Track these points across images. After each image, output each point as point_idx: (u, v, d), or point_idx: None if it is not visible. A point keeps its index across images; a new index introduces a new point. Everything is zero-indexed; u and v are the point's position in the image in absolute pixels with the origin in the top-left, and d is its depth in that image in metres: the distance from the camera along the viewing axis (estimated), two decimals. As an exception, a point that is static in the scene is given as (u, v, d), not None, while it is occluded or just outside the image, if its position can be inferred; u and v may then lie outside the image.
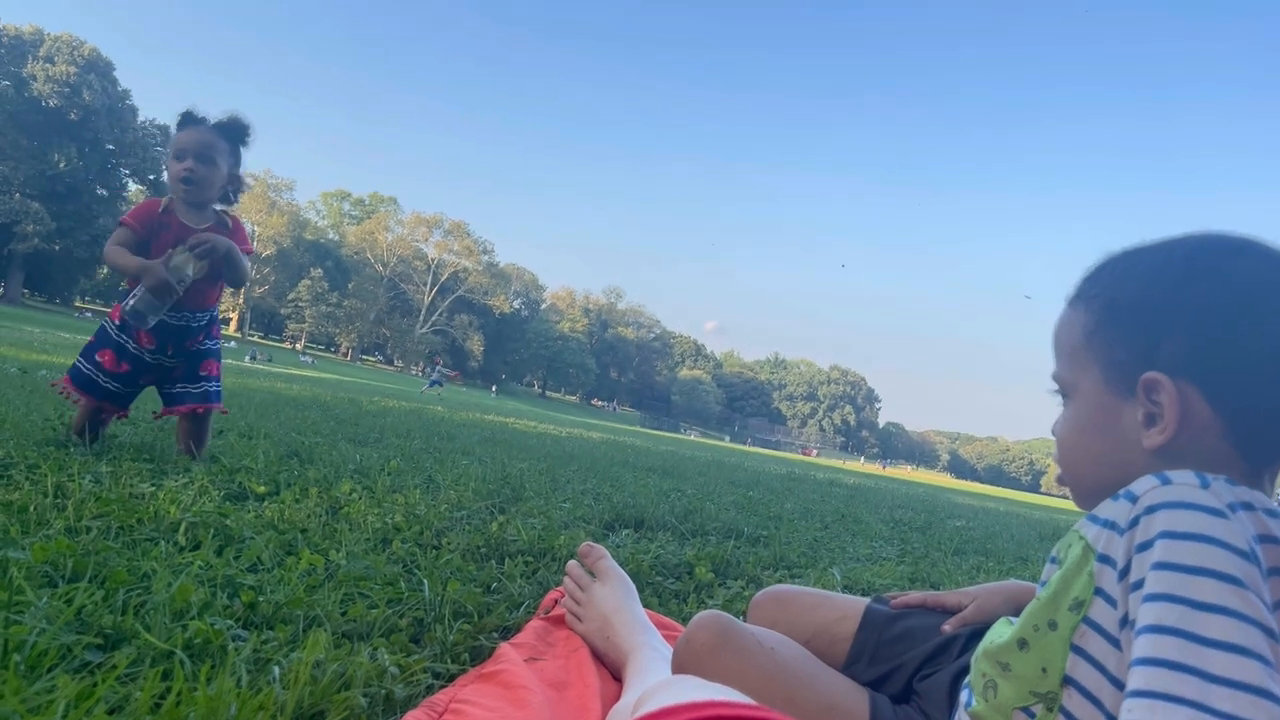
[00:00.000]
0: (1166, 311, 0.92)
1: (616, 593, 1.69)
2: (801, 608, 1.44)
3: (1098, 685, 0.86)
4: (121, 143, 62.05)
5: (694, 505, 4.38)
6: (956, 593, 1.41)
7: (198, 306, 3.18)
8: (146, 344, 3.14)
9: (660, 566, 2.57)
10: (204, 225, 3.13)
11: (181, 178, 3.06)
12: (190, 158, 3.06)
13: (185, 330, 3.18)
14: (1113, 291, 0.98)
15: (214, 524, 2.07)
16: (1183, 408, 0.89)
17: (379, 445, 5.04)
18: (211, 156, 3.10)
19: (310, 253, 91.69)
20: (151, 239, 3.07)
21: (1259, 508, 0.83)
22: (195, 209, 3.13)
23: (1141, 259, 0.99)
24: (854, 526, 4.94)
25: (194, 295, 3.12)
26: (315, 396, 9.83)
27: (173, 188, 3.11)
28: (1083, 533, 0.91)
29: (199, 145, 3.08)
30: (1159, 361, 0.91)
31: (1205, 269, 0.92)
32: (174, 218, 3.10)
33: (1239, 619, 0.72)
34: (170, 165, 3.11)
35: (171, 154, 3.11)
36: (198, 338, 3.24)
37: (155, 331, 3.11)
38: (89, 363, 3.15)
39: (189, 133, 3.09)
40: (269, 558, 1.90)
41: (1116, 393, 0.95)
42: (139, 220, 3.07)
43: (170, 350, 3.18)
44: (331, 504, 2.70)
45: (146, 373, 3.20)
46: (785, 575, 2.82)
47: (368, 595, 1.75)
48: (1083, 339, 1.00)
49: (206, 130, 3.11)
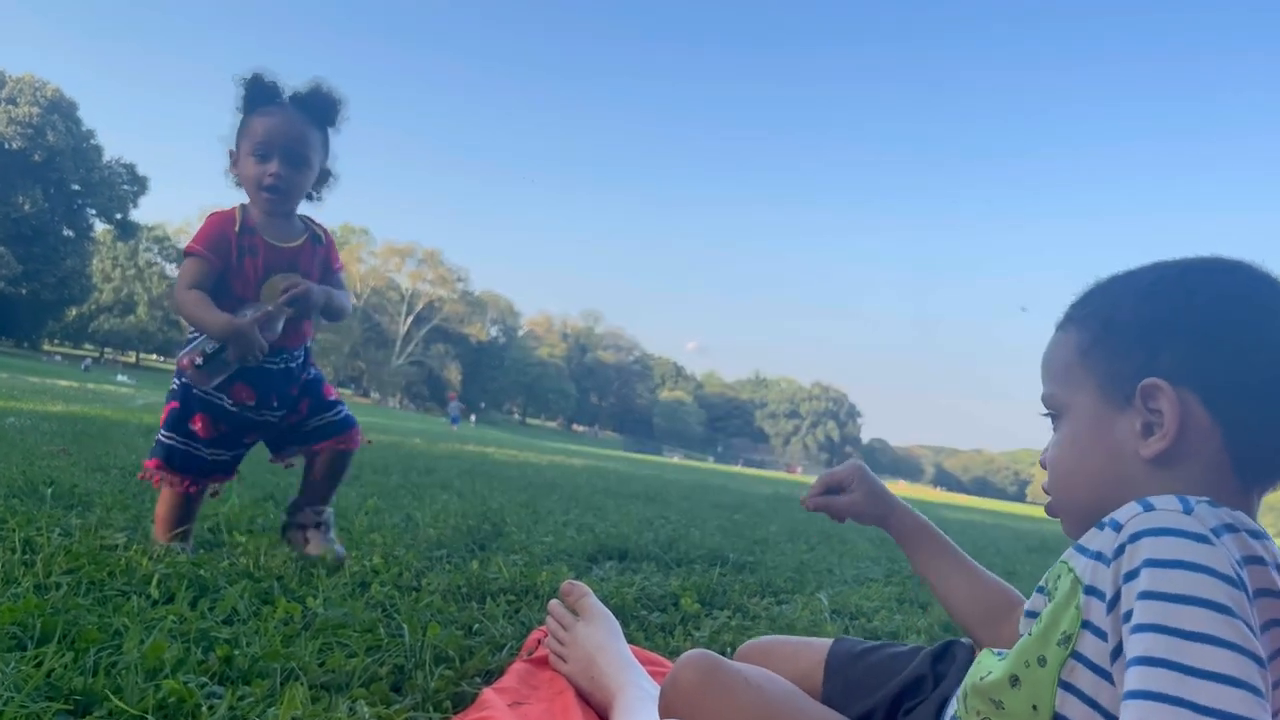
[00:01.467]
0: (1165, 323, 0.93)
1: (600, 631, 1.67)
2: (782, 657, 1.43)
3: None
4: (87, 182, 61.61)
5: (678, 533, 4.36)
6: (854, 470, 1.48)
7: (297, 343, 2.50)
8: (245, 399, 2.42)
9: (645, 599, 2.54)
10: (295, 242, 2.43)
11: (267, 185, 2.34)
12: (277, 158, 2.33)
13: (288, 375, 2.50)
14: (1109, 310, 0.99)
15: (188, 574, 2.02)
16: (1183, 413, 0.89)
17: (356, 483, 4.98)
18: (305, 155, 2.37)
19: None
20: (230, 268, 2.35)
21: (1242, 529, 0.83)
22: (280, 218, 2.43)
23: (1134, 279, 1.00)
24: (840, 547, 4.93)
25: (291, 333, 2.46)
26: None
27: (251, 194, 2.39)
28: (1071, 564, 0.90)
29: (289, 140, 2.34)
30: (1158, 370, 0.91)
31: (1201, 284, 0.94)
32: (259, 239, 2.36)
33: (1228, 648, 0.72)
34: (245, 163, 2.36)
35: (248, 147, 2.35)
36: (301, 378, 2.56)
37: (254, 383, 2.42)
38: (180, 435, 2.42)
39: (273, 118, 2.34)
40: (244, 608, 1.86)
41: (1113, 403, 0.95)
42: (212, 247, 2.32)
43: (275, 401, 2.48)
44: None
45: (250, 430, 2.52)
46: (772, 602, 2.80)
47: (346, 644, 1.71)
48: (1078, 356, 1.00)
49: (296, 116, 2.37)
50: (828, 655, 1.41)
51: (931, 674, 1.29)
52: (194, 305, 2.26)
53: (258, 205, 2.39)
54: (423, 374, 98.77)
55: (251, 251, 2.35)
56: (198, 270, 2.31)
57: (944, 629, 2.70)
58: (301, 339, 2.51)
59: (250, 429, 2.51)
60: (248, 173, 2.36)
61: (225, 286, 2.33)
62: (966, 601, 1.35)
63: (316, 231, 2.51)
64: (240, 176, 2.39)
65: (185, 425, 2.42)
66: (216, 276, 2.33)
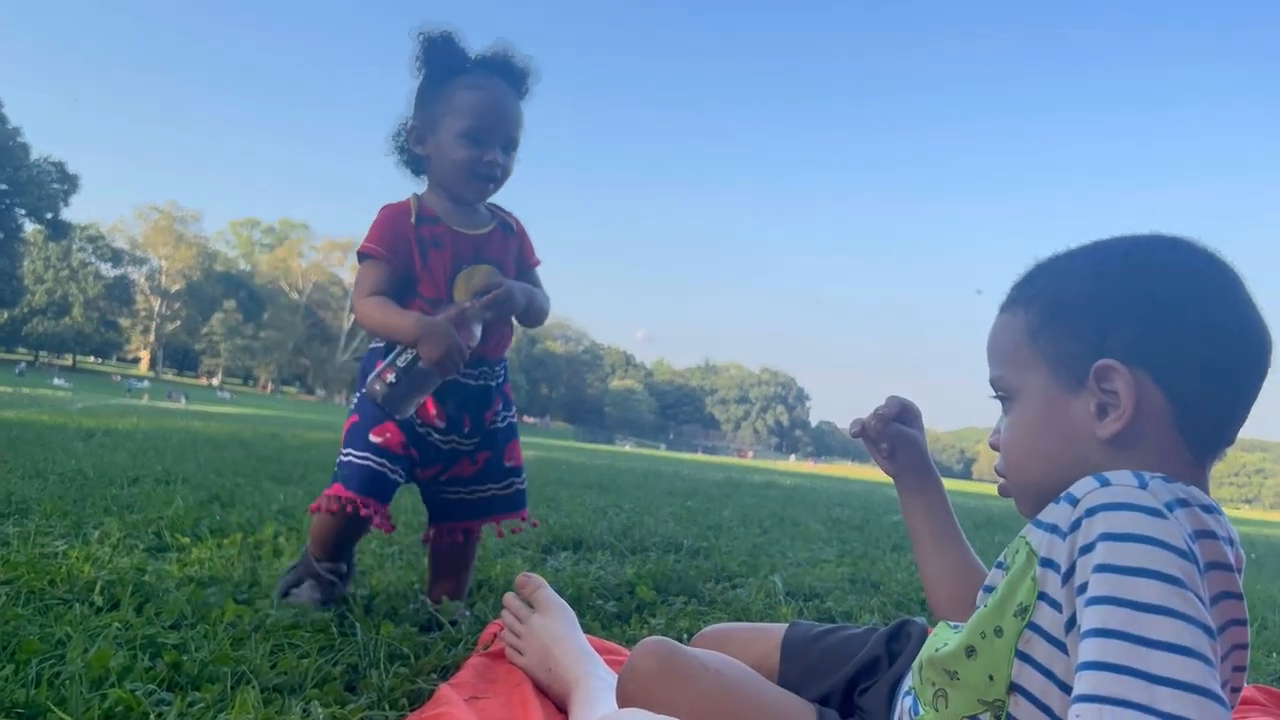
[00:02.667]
0: (1113, 302, 0.94)
1: (557, 622, 1.66)
2: (739, 643, 1.43)
3: (1044, 690, 0.86)
4: (15, 181, 59.70)
5: (632, 520, 4.36)
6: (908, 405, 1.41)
7: (497, 355, 2.10)
8: (435, 419, 2.04)
9: (601, 589, 2.54)
10: (483, 229, 2.05)
11: (486, 174, 1.98)
12: (496, 143, 1.97)
13: (485, 394, 2.08)
14: (1054, 290, 0.99)
15: (132, 580, 1.98)
16: (1137, 392, 0.90)
17: (304, 482, 4.91)
18: (518, 140, 2.03)
19: (222, 284, 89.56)
20: (414, 267, 1.98)
21: (1195, 504, 0.84)
22: (467, 205, 2.05)
23: (1076, 259, 1.00)
24: (793, 530, 4.98)
25: (495, 343, 2.07)
26: (235, 434, 9.58)
27: (453, 178, 1.99)
28: (1028, 538, 0.92)
29: (509, 123, 1.99)
30: (1109, 350, 0.92)
31: (1145, 262, 0.95)
32: (443, 227, 1.99)
33: (1181, 619, 0.73)
34: (451, 144, 1.95)
35: (457, 125, 1.94)
36: (496, 404, 2.13)
37: (444, 399, 2.01)
38: (364, 449, 1.99)
39: (487, 94, 1.96)
40: (192, 612, 1.82)
41: (1066, 386, 0.96)
42: (389, 245, 1.96)
43: (468, 426, 2.06)
44: (256, 549, 2.61)
45: (432, 460, 2.08)
46: (727, 587, 2.81)
47: (298, 644, 1.69)
48: (1027, 338, 1.00)
49: (509, 93, 2.00)
50: (783, 639, 1.42)
51: (886, 654, 1.30)
52: (377, 310, 1.91)
53: (461, 194, 2.01)
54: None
55: (436, 243, 1.97)
56: (375, 274, 1.96)
57: (897, 607, 2.74)
58: (503, 348, 2.12)
59: (434, 459, 2.08)
60: (455, 155, 1.95)
61: (410, 290, 1.98)
62: (947, 568, 1.35)
63: (506, 219, 2.12)
64: (438, 158, 1.99)
65: (367, 438, 2.00)
66: (400, 280, 1.97)
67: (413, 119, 2.02)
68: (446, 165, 1.97)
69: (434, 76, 1.98)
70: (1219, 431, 0.93)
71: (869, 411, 1.42)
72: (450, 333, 1.81)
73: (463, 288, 1.98)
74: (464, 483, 2.13)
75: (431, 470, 2.09)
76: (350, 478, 1.97)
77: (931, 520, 1.40)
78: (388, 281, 1.95)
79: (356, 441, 2.00)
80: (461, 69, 1.97)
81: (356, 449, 1.99)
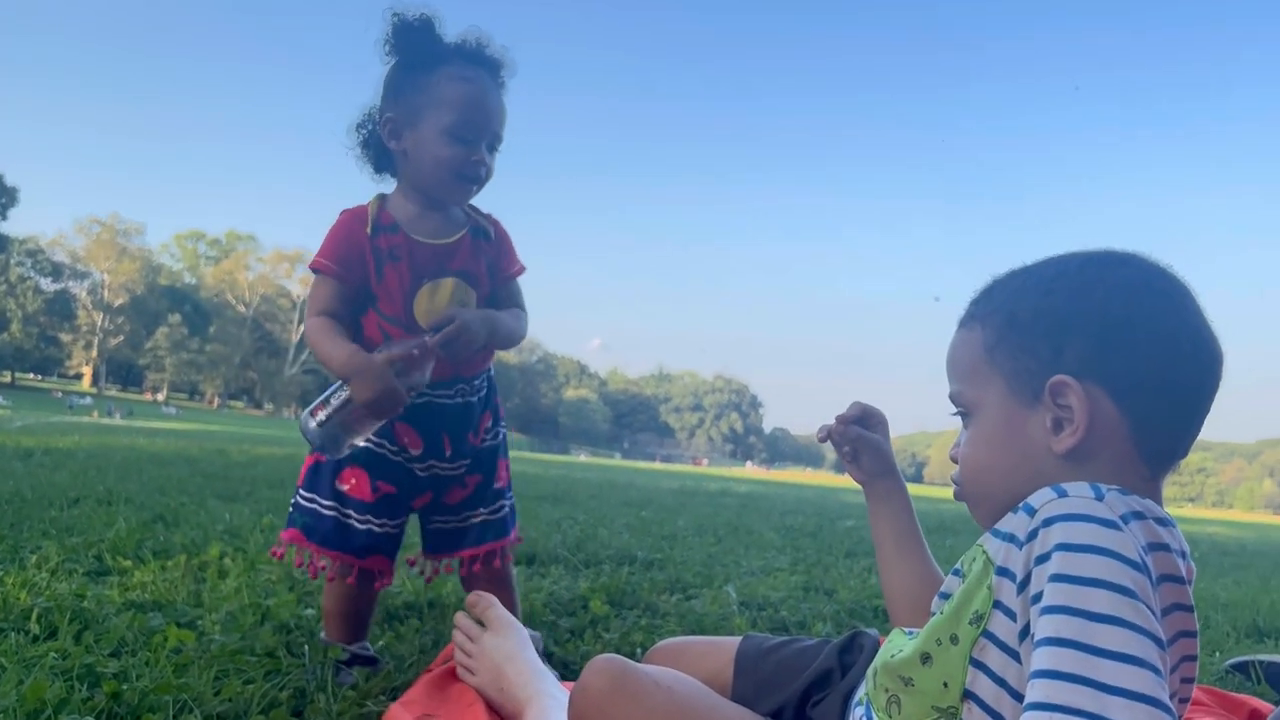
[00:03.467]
0: (1067, 318, 0.95)
1: (508, 641, 1.64)
2: (692, 657, 1.43)
3: (997, 698, 0.86)
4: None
5: (586, 533, 4.35)
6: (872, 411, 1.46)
7: (474, 372, 1.88)
8: (409, 444, 1.84)
9: (554, 604, 2.53)
10: (452, 237, 1.82)
11: (470, 175, 1.77)
12: (483, 142, 1.77)
13: (465, 413, 1.87)
14: (1010, 306, 1.00)
15: (71, 607, 1.93)
16: (1092, 408, 0.91)
17: (250, 500, 4.83)
18: (503, 137, 1.82)
19: (166, 298, 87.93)
20: (368, 282, 1.77)
21: (1149, 516, 0.86)
22: (438, 210, 1.83)
23: (1033, 275, 1.01)
24: (747, 538, 4.99)
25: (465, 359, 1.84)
26: (180, 450, 9.38)
27: (434, 178, 1.77)
28: (985, 546, 0.92)
29: (496, 120, 1.79)
30: (1064, 366, 0.93)
31: (1099, 278, 0.96)
32: (401, 236, 1.77)
33: (1132, 630, 0.74)
34: (433, 140, 1.74)
35: (441, 120, 1.73)
36: (484, 421, 1.94)
37: (419, 422, 1.82)
38: (326, 497, 1.82)
39: (473, 88, 1.75)
40: (133, 639, 1.78)
41: (1022, 401, 0.97)
42: (341, 259, 1.75)
43: (449, 449, 1.86)
44: (200, 571, 2.55)
45: (417, 490, 1.89)
46: (681, 599, 2.81)
47: (244, 670, 1.65)
48: (984, 354, 1.01)
49: (494, 87, 1.79)
50: (736, 653, 1.42)
51: (839, 666, 1.31)
52: (315, 334, 1.72)
53: (441, 194, 1.80)
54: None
55: (393, 255, 1.75)
56: (325, 291, 1.75)
57: (850, 615, 2.76)
58: (482, 364, 1.90)
59: (416, 488, 1.88)
60: (438, 154, 1.73)
61: (369, 305, 1.78)
62: (910, 576, 1.36)
63: (481, 224, 1.88)
64: (416, 154, 1.77)
65: (331, 485, 1.81)
66: (354, 296, 1.77)
67: (386, 110, 1.79)
68: (427, 163, 1.75)
69: (411, 64, 1.77)
70: (1173, 444, 0.94)
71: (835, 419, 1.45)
72: (384, 375, 1.59)
73: (424, 304, 1.77)
74: (454, 510, 1.93)
75: (422, 499, 1.90)
76: (299, 521, 1.81)
77: (896, 528, 1.41)
78: (338, 299, 1.75)
79: (312, 485, 1.82)
80: (442, 58, 1.76)
81: (313, 493, 1.82)
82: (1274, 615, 3.33)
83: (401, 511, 1.87)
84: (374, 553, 1.82)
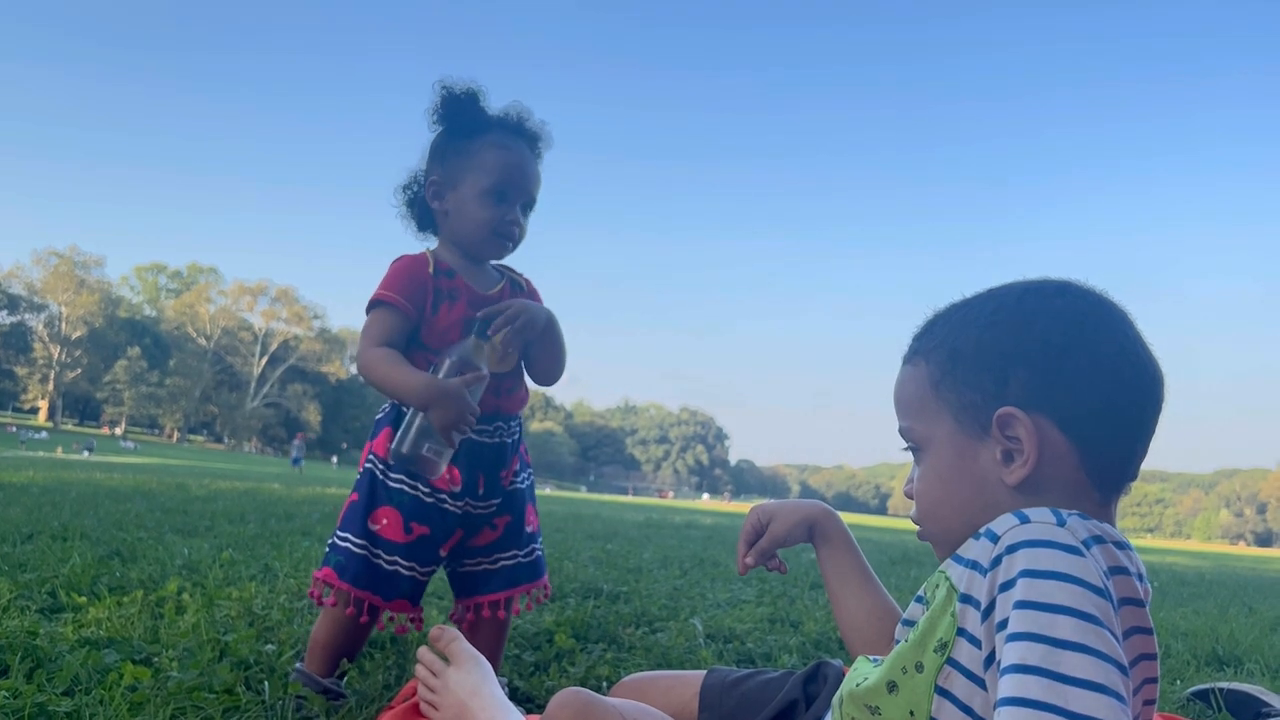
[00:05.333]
0: (1010, 350, 0.96)
1: (472, 676, 1.62)
2: (657, 692, 1.43)
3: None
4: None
5: (551, 566, 4.31)
6: (757, 509, 1.53)
7: (513, 410, 1.96)
8: (450, 483, 1.88)
9: (518, 638, 2.50)
10: (495, 288, 1.96)
11: (506, 234, 1.90)
12: (518, 203, 1.91)
13: (500, 453, 1.92)
14: (952, 341, 1.01)
15: (23, 644, 1.87)
16: (1040, 438, 0.92)
17: (210, 534, 4.75)
18: (536, 200, 1.97)
19: (125, 331, 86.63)
20: (425, 319, 1.87)
21: (1109, 540, 0.87)
22: (479, 265, 1.97)
23: (972, 308, 1.03)
24: (712, 570, 4.98)
25: (507, 393, 1.94)
26: (138, 485, 9.21)
27: (472, 236, 1.90)
28: (948, 573, 0.93)
29: (531, 183, 1.93)
30: (1009, 398, 0.94)
31: (1037, 308, 0.97)
32: (460, 281, 1.90)
33: (1097, 656, 0.75)
34: (473, 201, 1.88)
35: (481, 183, 1.87)
36: (514, 464, 1.98)
37: (458, 461, 1.86)
38: (360, 536, 1.84)
39: (513, 155, 1.90)
40: (88, 676, 1.73)
41: (971, 434, 0.97)
42: (407, 293, 1.85)
43: (482, 488, 1.90)
44: (158, 607, 2.50)
45: (449, 531, 1.91)
46: (647, 632, 2.80)
47: (201, 707, 1.62)
48: (930, 389, 1.02)
49: (530, 154, 1.95)
50: (702, 687, 1.42)
51: (803, 697, 1.31)
52: (383, 365, 1.77)
53: (479, 252, 1.94)
54: (279, 416, 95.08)
55: (451, 296, 1.87)
56: (389, 323, 1.83)
57: (815, 647, 2.76)
58: (520, 403, 1.97)
59: (450, 527, 1.90)
60: (477, 214, 1.88)
61: (414, 340, 1.87)
62: (860, 611, 1.39)
63: (516, 279, 2.04)
64: (457, 214, 1.91)
65: (365, 524, 1.84)
66: (411, 332, 1.87)
67: (431, 173, 1.94)
68: (468, 223, 1.89)
69: (456, 131, 1.92)
70: (1122, 468, 0.95)
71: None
72: (462, 395, 1.69)
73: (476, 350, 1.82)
74: (485, 551, 1.95)
75: (452, 540, 1.91)
76: (341, 567, 1.82)
77: (836, 567, 1.46)
78: (399, 332, 1.84)
79: (350, 525, 1.85)
80: (485, 127, 1.91)
81: (348, 535, 1.84)
82: (1233, 644, 3.37)
83: (433, 557, 1.89)
84: (400, 596, 1.85)
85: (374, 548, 1.83)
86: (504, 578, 1.95)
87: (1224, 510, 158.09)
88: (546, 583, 2.02)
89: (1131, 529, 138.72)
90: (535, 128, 1.97)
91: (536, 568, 1.99)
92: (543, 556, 2.04)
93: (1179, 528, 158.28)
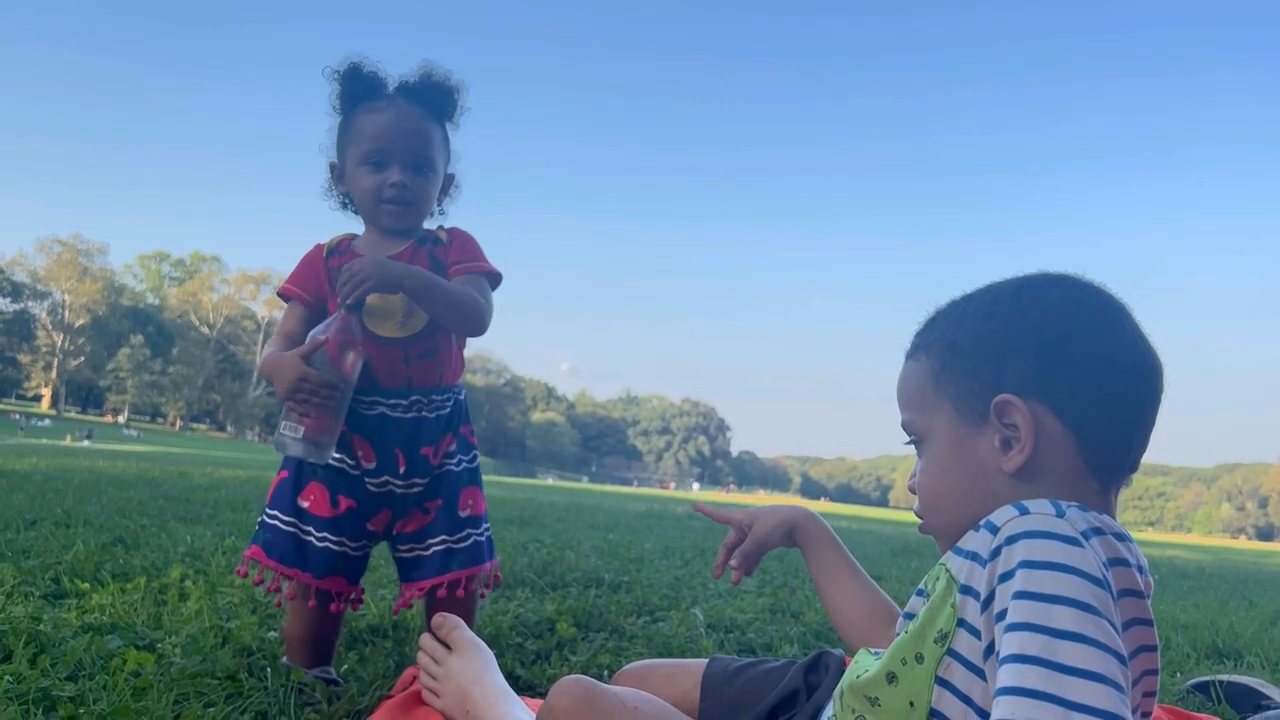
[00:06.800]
0: (1007, 339, 0.97)
1: (474, 663, 1.63)
2: (659, 680, 1.44)
3: (963, 716, 0.87)
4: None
5: (553, 555, 4.33)
6: (740, 512, 1.59)
7: (430, 382, 1.87)
8: (364, 459, 1.84)
9: (520, 626, 2.51)
10: (396, 250, 1.86)
11: (389, 197, 1.82)
12: (396, 163, 1.82)
13: (417, 428, 1.86)
14: (952, 334, 1.02)
15: (27, 630, 1.88)
16: (1036, 425, 0.93)
17: (213, 522, 4.76)
18: (429, 156, 1.86)
19: (129, 319, 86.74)
20: (325, 301, 1.88)
21: (1108, 531, 0.87)
22: (390, 234, 1.89)
23: (971, 303, 1.04)
24: (713, 560, 4.98)
25: (419, 360, 1.85)
26: (141, 473, 9.24)
27: (369, 210, 1.87)
28: (948, 565, 0.93)
29: (409, 139, 1.83)
30: (1007, 386, 0.95)
31: (1035, 299, 0.99)
32: (350, 254, 1.85)
33: (1095, 646, 0.75)
34: (356, 174, 1.85)
35: (357, 153, 1.84)
36: (442, 442, 1.91)
37: (371, 435, 1.83)
38: (286, 513, 1.83)
39: (384, 115, 1.82)
40: (91, 662, 1.74)
41: (970, 423, 0.98)
42: (301, 282, 1.87)
43: (402, 465, 1.84)
44: (161, 593, 2.51)
45: (376, 508, 1.88)
46: (648, 621, 2.80)
47: (204, 693, 1.63)
48: (930, 381, 1.03)
49: (412, 111, 1.85)
50: (703, 675, 1.42)
51: (804, 686, 1.31)
52: (265, 352, 1.77)
53: (378, 223, 1.88)
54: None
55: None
56: (288, 314, 1.87)
57: (816, 637, 2.76)
58: (433, 376, 1.87)
59: (375, 505, 1.86)
60: (362, 185, 1.83)
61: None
62: (851, 607, 1.40)
63: (428, 236, 1.92)
64: (352, 191, 1.89)
65: (292, 500, 1.83)
66: (316, 318, 1.82)
67: (332, 159, 1.93)
68: (359, 195, 1.86)
69: (344, 110, 1.89)
70: (1121, 458, 0.96)
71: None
72: (293, 363, 1.64)
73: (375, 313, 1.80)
74: (417, 536, 1.89)
75: (380, 519, 1.88)
76: (266, 543, 1.80)
77: (824, 570, 1.51)
78: (300, 321, 1.84)
79: (277, 502, 1.84)
80: (372, 97, 1.86)
81: (275, 511, 1.83)
82: (1233, 636, 3.37)
83: (361, 531, 1.86)
84: (332, 573, 1.81)
85: (302, 524, 1.81)
86: (435, 564, 1.87)
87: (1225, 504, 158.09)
88: (493, 570, 1.95)
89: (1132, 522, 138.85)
90: (436, 84, 1.88)
91: (474, 553, 1.90)
92: (485, 542, 1.94)
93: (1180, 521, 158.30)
